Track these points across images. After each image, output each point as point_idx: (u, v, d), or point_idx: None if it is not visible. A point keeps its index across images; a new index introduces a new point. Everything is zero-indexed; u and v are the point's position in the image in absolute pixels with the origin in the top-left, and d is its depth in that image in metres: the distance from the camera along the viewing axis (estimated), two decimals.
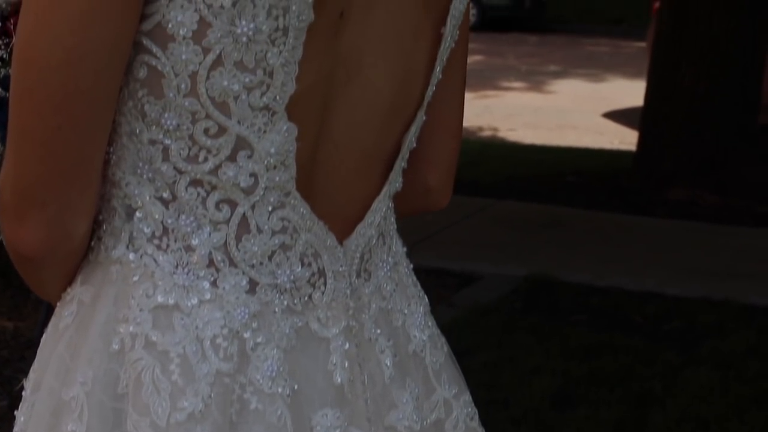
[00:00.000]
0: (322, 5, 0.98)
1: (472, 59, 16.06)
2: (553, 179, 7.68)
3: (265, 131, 1.00)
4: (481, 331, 4.55)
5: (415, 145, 1.17)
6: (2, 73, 1.19)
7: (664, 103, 7.36)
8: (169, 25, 0.95)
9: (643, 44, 14.70)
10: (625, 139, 10.18)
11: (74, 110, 0.95)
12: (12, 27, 1.20)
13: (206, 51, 0.96)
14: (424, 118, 1.16)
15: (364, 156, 1.11)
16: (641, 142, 7.65)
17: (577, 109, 12.17)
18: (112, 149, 1.03)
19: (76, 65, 0.94)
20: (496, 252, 5.79)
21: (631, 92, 12.41)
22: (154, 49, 0.97)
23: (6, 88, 1.18)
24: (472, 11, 20.95)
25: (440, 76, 1.16)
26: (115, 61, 0.96)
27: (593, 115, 11.78)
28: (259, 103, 0.99)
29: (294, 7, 0.96)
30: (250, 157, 1.00)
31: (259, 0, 0.94)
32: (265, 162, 1.01)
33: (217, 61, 0.96)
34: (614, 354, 4.33)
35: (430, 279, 5.08)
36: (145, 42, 0.97)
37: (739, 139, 7.22)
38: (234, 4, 0.94)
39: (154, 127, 1.00)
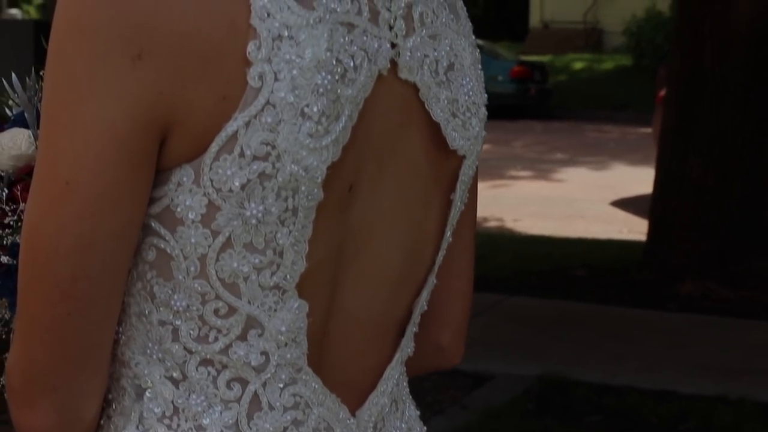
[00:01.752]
0: (331, 182, 0.98)
1: None
2: (564, 273, 7.66)
3: (275, 309, 0.99)
4: None
5: (426, 308, 1.16)
6: (10, 241, 1.18)
7: (673, 196, 7.37)
8: (178, 209, 0.95)
9: (649, 130, 14.79)
10: (634, 227, 10.18)
11: (83, 297, 0.94)
12: (19, 193, 1.20)
13: (215, 234, 0.95)
14: (435, 282, 1.15)
15: (375, 325, 1.10)
16: (651, 234, 7.64)
17: (585, 197, 12.19)
18: (121, 329, 1.01)
19: (85, 252, 0.93)
20: (508, 350, 5.75)
21: (639, 179, 12.44)
22: (163, 231, 0.96)
23: (14, 256, 1.17)
24: None
25: (450, 240, 1.15)
26: (124, 247, 0.95)
27: (601, 204, 11.80)
28: (269, 283, 0.98)
29: (303, 188, 0.95)
30: (260, 335, 0.99)
31: (268, 183, 0.94)
32: (276, 340, 1.00)
33: (227, 244, 0.95)
34: None
35: (442, 380, 5.06)
36: (153, 225, 0.96)
37: (748, 231, 7.21)
38: (243, 188, 0.93)
39: (163, 308, 0.99)
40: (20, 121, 1.25)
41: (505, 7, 32.68)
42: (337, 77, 0.95)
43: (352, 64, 0.97)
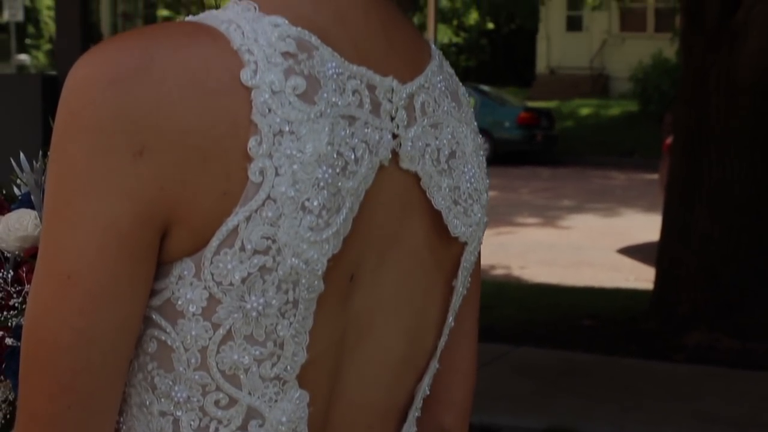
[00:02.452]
0: (332, 273, 0.98)
1: None
2: (570, 323, 7.64)
3: (276, 400, 0.99)
4: None
5: (428, 393, 1.16)
6: (14, 322, 1.19)
7: (679, 247, 7.36)
8: (179, 302, 0.95)
9: (655, 176, 14.80)
10: (641, 275, 10.16)
11: (84, 390, 0.94)
12: (24, 274, 1.20)
13: (216, 326, 0.95)
14: (437, 366, 1.15)
15: (377, 412, 1.10)
16: (657, 284, 7.63)
17: (592, 245, 12.18)
18: (122, 419, 1.01)
19: (86, 346, 0.93)
20: (515, 403, 5.73)
21: (646, 226, 12.44)
22: (164, 324, 0.96)
23: (19, 338, 1.17)
24: (485, 145, 21.41)
25: (452, 324, 1.15)
26: (126, 340, 0.95)
27: (608, 251, 11.78)
28: (270, 374, 0.98)
29: (304, 280, 0.96)
30: (261, 425, 0.99)
31: (269, 276, 0.94)
32: (277, 430, 0.99)
33: (227, 336, 0.96)
34: None
35: None
36: (154, 317, 0.96)
37: (755, 281, 7.20)
38: (243, 281, 0.94)
39: (164, 399, 0.99)
40: (27, 202, 1.26)
41: (512, 53, 32.80)
42: (338, 170, 0.96)
43: (353, 156, 0.97)
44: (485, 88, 23.70)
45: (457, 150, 1.09)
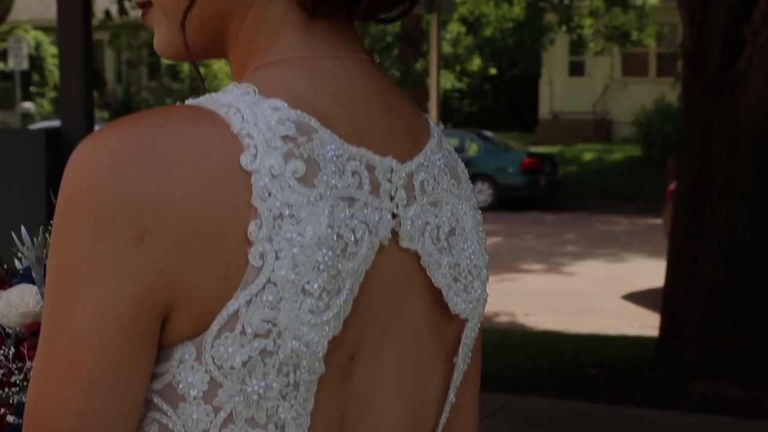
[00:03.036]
0: (333, 354, 0.98)
1: (489, 241, 16.13)
2: (576, 371, 7.61)
3: None
4: None
5: None
6: (16, 399, 1.19)
7: (684, 294, 7.35)
8: (180, 386, 0.95)
9: (659, 221, 14.80)
10: (646, 321, 10.14)
11: None
12: (26, 351, 1.20)
13: (217, 410, 0.95)
14: None
15: None
16: (662, 332, 7.61)
17: (596, 291, 12.16)
18: None
19: (88, 431, 0.93)
20: None
21: (650, 272, 12.42)
22: (165, 407, 0.96)
23: (20, 415, 1.17)
24: (488, 191, 21.42)
25: (454, 400, 1.15)
26: (126, 424, 0.95)
27: (613, 298, 11.76)
28: None
29: (304, 363, 0.96)
30: None
31: (270, 359, 0.94)
32: None
33: (228, 419, 0.95)
34: None
35: None
36: (156, 400, 0.96)
37: (760, 329, 7.18)
38: (244, 365, 0.94)
39: None
40: (28, 276, 1.26)
41: (515, 98, 32.92)
42: (338, 252, 0.96)
43: (353, 238, 0.98)
44: (488, 134, 23.77)
45: (457, 227, 1.10)
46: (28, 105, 30.99)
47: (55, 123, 19.82)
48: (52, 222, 1.28)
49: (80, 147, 0.94)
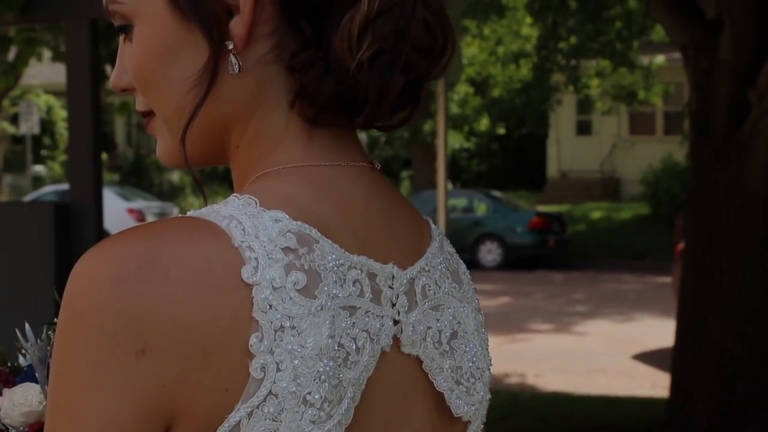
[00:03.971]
0: None
1: (498, 301, 16.14)
2: None
3: None
4: None
5: None
6: None
7: (693, 357, 7.32)
8: None
9: (668, 279, 14.76)
10: (657, 382, 10.09)
11: None
12: None
13: None
14: None
15: None
16: (672, 395, 7.57)
17: (605, 351, 12.11)
18: None
19: None
20: None
21: (660, 332, 12.37)
22: None
23: None
24: (497, 251, 21.39)
25: None
26: None
27: (623, 358, 11.71)
28: None
29: None
30: None
31: None
32: None
33: None
34: None
35: None
36: None
37: None
38: None
39: None
40: (32, 375, 1.27)
41: (523, 157, 33.00)
42: (339, 362, 0.97)
43: (354, 346, 0.98)
44: (497, 193, 23.81)
45: (459, 330, 1.10)
46: (39, 168, 31.14)
47: (66, 186, 19.89)
48: (56, 321, 1.28)
49: (84, 260, 0.95)
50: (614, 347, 12.35)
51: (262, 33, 1.05)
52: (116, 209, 21.09)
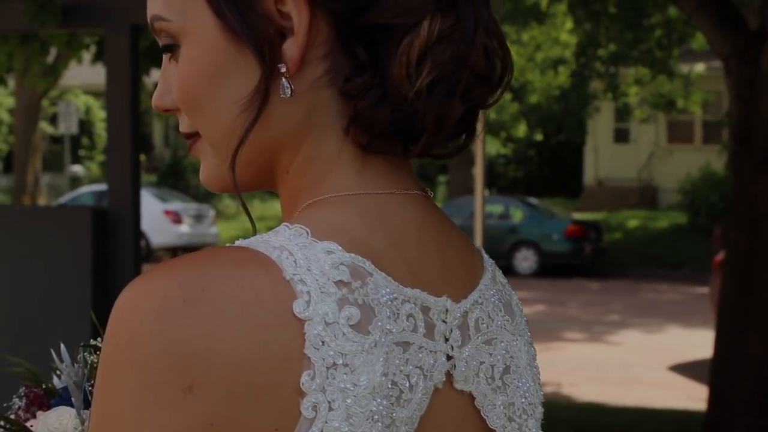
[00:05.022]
0: None
1: (533, 309, 16.07)
2: None
3: None
4: None
5: None
6: None
7: (732, 371, 7.25)
8: None
9: (705, 290, 14.65)
10: (693, 393, 10.01)
11: None
12: None
13: None
14: None
15: None
16: (710, 408, 7.50)
17: (642, 362, 12.03)
18: None
19: None
20: None
21: (697, 342, 12.29)
22: None
23: None
24: (532, 258, 21.31)
25: None
26: None
27: (659, 369, 11.63)
28: None
29: None
30: None
31: None
32: None
33: None
34: None
35: None
36: None
37: None
38: None
39: None
40: (67, 398, 1.24)
41: (560, 165, 32.88)
42: (392, 400, 0.93)
43: (407, 384, 0.95)
44: (533, 201, 23.73)
45: (512, 364, 1.07)
46: (77, 168, 31.34)
47: (103, 186, 20.01)
48: (92, 343, 1.26)
49: (128, 291, 0.92)
50: (650, 357, 12.27)
51: (316, 56, 1.01)
52: (153, 210, 21.17)
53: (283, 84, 1.01)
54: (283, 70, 1.01)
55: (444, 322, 1.00)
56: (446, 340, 1.00)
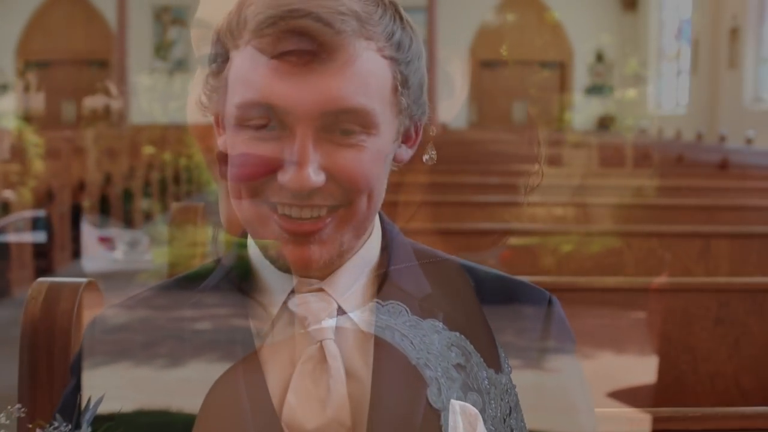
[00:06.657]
0: None
1: None
2: None
3: None
4: None
5: None
6: None
7: None
8: None
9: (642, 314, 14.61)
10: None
11: None
12: None
13: None
14: None
15: None
16: None
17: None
18: None
19: None
20: None
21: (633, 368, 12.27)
22: None
23: None
24: None
25: None
26: None
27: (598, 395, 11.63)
28: None
29: None
30: None
31: None
32: None
33: None
34: None
35: None
36: None
37: None
38: None
39: None
40: None
41: None
42: None
43: None
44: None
45: None
46: (8, 194, 30.82)
47: (36, 212, 19.56)
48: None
49: None
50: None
51: None
52: (88, 237, 20.76)
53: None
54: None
55: None
56: None
